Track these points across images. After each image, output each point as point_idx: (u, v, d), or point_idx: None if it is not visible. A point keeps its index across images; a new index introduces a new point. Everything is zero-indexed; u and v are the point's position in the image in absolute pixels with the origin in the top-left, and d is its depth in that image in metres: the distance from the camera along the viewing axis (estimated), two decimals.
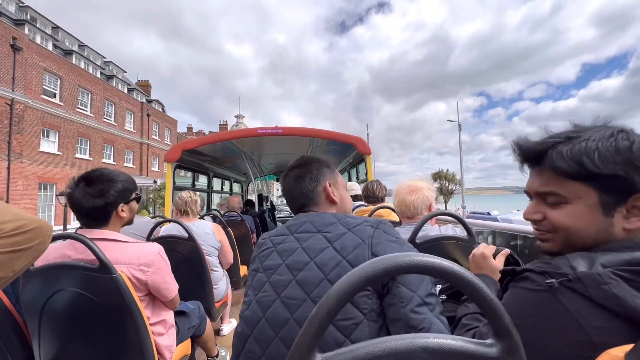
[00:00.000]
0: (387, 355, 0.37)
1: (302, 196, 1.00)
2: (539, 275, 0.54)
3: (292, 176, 1.02)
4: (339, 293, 0.36)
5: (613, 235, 0.56)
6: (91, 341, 1.22)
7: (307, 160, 1.04)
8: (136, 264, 1.25)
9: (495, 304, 0.37)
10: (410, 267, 0.37)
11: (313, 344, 0.36)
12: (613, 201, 0.56)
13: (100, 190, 1.26)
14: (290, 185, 1.02)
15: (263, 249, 0.93)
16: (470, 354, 0.37)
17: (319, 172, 1.02)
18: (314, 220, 0.91)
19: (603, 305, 0.47)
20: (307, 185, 0.99)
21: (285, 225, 0.96)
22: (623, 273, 0.47)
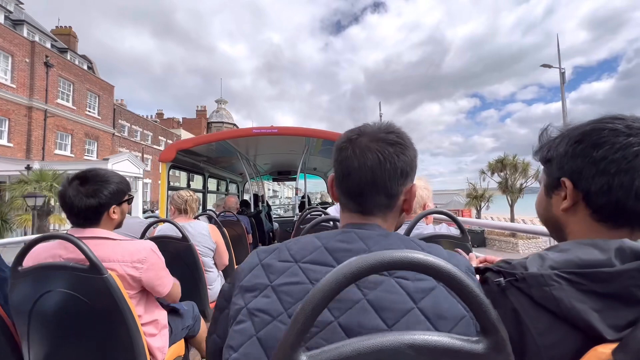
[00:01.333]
0: (373, 352, 0.36)
1: (381, 192, 0.62)
2: (495, 274, 0.56)
3: (378, 154, 0.61)
4: (324, 290, 0.36)
5: (554, 216, 0.62)
6: (81, 343, 1.20)
7: (405, 139, 0.65)
8: (129, 260, 1.23)
9: (481, 299, 0.37)
10: (396, 263, 0.36)
11: (298, 342, 0.35)
12: (553, 184, 0.61)
13: (93, 190, 1.25)
14: (373, 168, 0.61)
15: (284, 282, 0.55)
16: (457, 350, 0.37)
17: (413, 163, 0.65)
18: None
19: (543, 305, 0.48)
20: (396, 178, 0.62)
21: (322, 243, 0.58)
22: (568, 276, 0.47)
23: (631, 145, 0.52)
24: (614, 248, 0.48)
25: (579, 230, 0.59)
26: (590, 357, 0.43)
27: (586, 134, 0.57)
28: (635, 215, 0.53)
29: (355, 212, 0.65)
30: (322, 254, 0.57)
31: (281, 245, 0.60)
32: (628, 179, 0.52)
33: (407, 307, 0.50)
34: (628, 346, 0.40)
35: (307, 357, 0.36)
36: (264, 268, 0.57)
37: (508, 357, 0.38)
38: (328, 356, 0.36)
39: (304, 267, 0.55)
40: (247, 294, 0.55)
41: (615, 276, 0.45)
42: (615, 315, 0.44)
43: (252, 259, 0.61)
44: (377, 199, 0.63)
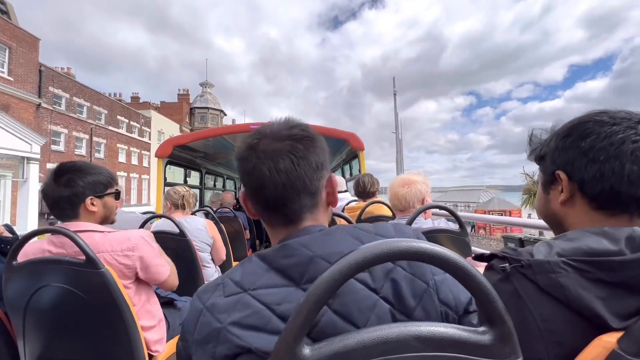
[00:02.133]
0: (378, 344, 0.36)
1: (306, 191, 0.57)
2: (500, 260, 0.56)
3: (289, 153, 0.57)
4: (328, 281, 0.35)
5: (554, 211, 0.63)
6: (78, 338, 1.19)
7: (310, 132, 0.61)
8: (119, 249, 1.21)
9: (488, 290, 0.36)
10: (402, 253, 0.35)
11: (301, 334, 0.34)
12: (549, 179, 0.63)
13: (67, 180, 1.22)
14: (287, 169, 0.56)
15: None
16: (463, 342, 0.36)
17: (325, 154, 0.62)
18: (328, 251, 0.52)
19: (549, 292, 0.48)
20: (313, 173, 0.58)
21: (268, 264, 0.53)
22: (576, 263, 0.47)
23: (616, 132, 0.54)
24: (624, 237, 0.48)
25: (579, 222, 0.59)
26: (595, 346, 0.43)
27: (573, 127, 0.59)
28: (631, 200, 0.53)
29: (283, 224, 0.59)
30: (272, 276, 0.51)
31: (224, 279, 0.54)
32: (618, 165, 0.53)
33: (372, 303, 0.48)
34: (634, 335, 0.40)
35: (310, 350, 0.35)
36: (209, 311, 0.50)
37: (514, 347, 0.37)
38: (332, 348, 0.35)
39: (255, 294, 0.49)
40: (206, 347, 0.48)
41: (625, 265, 0.45)
42: (621, 304, 0.44)
43: (195, 305, 0.53)
44: (302, 202, 0.57)
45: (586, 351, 0.43)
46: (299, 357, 0.35)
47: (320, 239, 0.54)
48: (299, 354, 0.35)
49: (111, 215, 1.36)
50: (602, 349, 0.42)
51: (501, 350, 0.37)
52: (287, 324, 0.35)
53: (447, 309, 0.52)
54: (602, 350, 0.42)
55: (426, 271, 0.52)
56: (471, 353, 0.37)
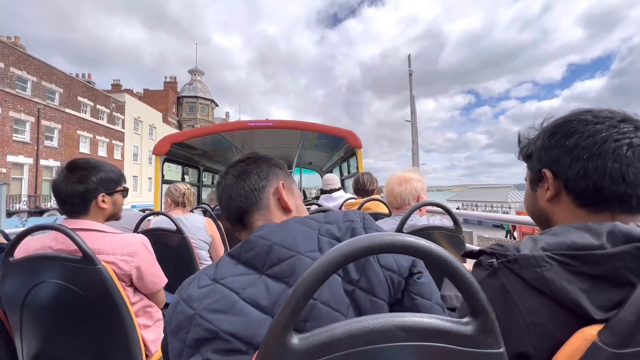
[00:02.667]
0: (364, 334, 0.37)
1: (243, 198, 0.72)
2: (488, 256, 0.58)
3: (233, 173, 0.76)
4: (316, 272, 0.36)
5: (540, 208, 0.65)
6: (75, 334, 1.20)
7: (257, 156, 0.80)
8: (119, 253, 1.22)
9: (471, 282, 0.37)
10: (387, 246, 0.37)
11: (290, 324, 0.36)
12: (536, 177, 0.65)
13: (80, 176, 1.23)
14: (229, 184, 0.74)
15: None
16: (447, 332, 0.38)
17: (271, 169, 0.77)
18: (283, 238, 0.60)
19: (534, 286, 0.49)
20: (254, 182, 0.73)
21: (236, 260, 0.61)
22: (560, 257, 0.49)
23: (599, 131, 0.56)
24: (605, 231, 0.49)
25: (565, 218, 0.61)
26: (577, 338, 0.44)
27: (558, 126, 0.61)
28: (613, 197, 0.55)
29: (240, 227, 0.75)
30: (237, 268, 0.59)
31: (199, 275, 0.61)
32: (601, 163, 0.55)
33: (348, 289, 0.55)
34: (614, 326, 0.42)
35: (299, 339, 0.36)
36: (185, 302, 0.56)
37: (497, 338, 0.38)
38: (319, 338, 0.37)
39: (224, 282, 0.56)
40: (178, 334, 0.53)
41: (606, 258, 0.47)
42: (603, 296, 0.46)
43: (174, 300, 0.59)
44: (245, 206, 0.73)
45: (568, 344, 0.45)
46: (288, 346, 0.36)
47: (275, 230, 0.63)
48: (288, 344, 0.36)
49: (119, 212, 1.37)
50: (584, 340, 0.43)
51: (484, 341, 0.38)
52: (276, 314, 0.36)
53: (390, 273, 0.58)
54: (584, 342, 0.43)
55: None
56: (454, 343, 0.38)
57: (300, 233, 0.62)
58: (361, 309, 0.54)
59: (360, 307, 0.54)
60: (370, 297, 0.55)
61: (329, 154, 5.91)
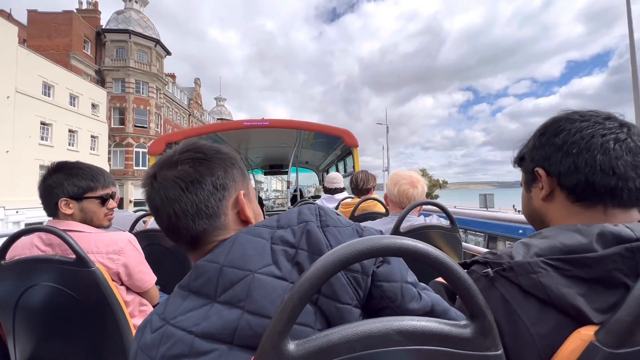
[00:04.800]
0: (362, 338, 0.36)
1: (194, 217, 0.57)
2: (481, 266, 0.57)
3: (177, 179, 0.57)
4: (312, 278, 0.35)
5: (536, 208, 0.66)
6: (69, 337, 1.18)
7: (205, 152, 0.61)
8: (104, 252, 1.19)
9: (469, 284, 0.37)
10: (383, 249, 0.36)
11: (285, 330, 0.35)
12: (530, 178, 0.66)
13: (44, 177, 1.22)
14: (172, 196, 0.56)
15: None
16: (445, 335, 0.37)
17: (227, 174, 0.61)
18: (232, 257, 0.53)
19: (532, 293, 0.49)
20: (208, 196, 0.57)
21: (186, 290, 0.54)
22: (553, 262, 0.49)
23: (585, 127, 0.57)
24: (595, 233, 0.50)
25: (559, 216, 0.61)
26: (574, 339, 0.44)
27: (547, 126, 0.63)
28: (605, 191, 0.55)
29: (189, 249, 0.60)
30: (190, 300, 0.51)
31: (152, 316, 0.54)
32: (590, 156, 0.55)
33: (283, 290, 0.49)
34: (611, 326, 0.42)
35: (295, 345, 0.36)
36: (142, 350, 0.50)
37: (494, 340, 0.38)
38: (316, 344, 0.36)
39: (175, 322, 0.49)
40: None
41: (598, 261, 0.47)
42: (598, 299, 0.46)
43: (133, 346, 0.53)
44: (198, 226, 0.57)
45: (565, 345, 0.45)
46: (284, 353, 0.35)
47: (225, 248, 0.54)
48: (284, 350, 0.35)
49: (96, 220, 1.29)
50: (581, 341, 0.43)
51: (482, 343, 0.38)
52: (272, 321, 0.35)
53: (354, 274, 0.52)
54: (581, 342, 0.43)
55: (323, 247, 0.52)
56: (453, 346, 0.38)
57: (251, 247, 0.53)
58: (327, 317, 0.50)
59: (326, 314, 0.49)
60: (335, 304, 0.50)
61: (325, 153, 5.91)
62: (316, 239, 0.53)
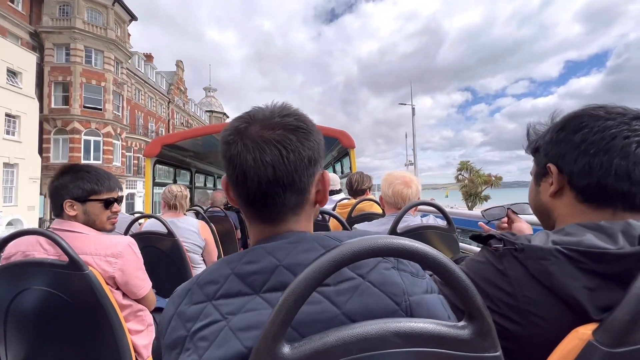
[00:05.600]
0: (358, 340, 0.36)
1: (294, 189, 0.53)
2: (497, 241, 0.57)
3: (278, 143, 0.51)
4: (307, 279, 0.35)
5: (543, 202, 0.65)
6: (63, 342, 1.16)
7: (306, 121, 0.56)
8: (103, 254, 1.18)
9: (467, 285, 0.36)
10: (381, 250, 0.35)
11: (280, 334, 0.34)
12: (541, 172, 0.65)
13: (53, 179, 1.26)
14: (274, 161, 0.51)
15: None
16: (443, 337, 0.37)
17: (320, 148, 0.56)
18: (293, 261, 0.49)
19: (536, 277, 0.49)
20: (305, 169, 0.53)
21: (231, 269, 0.50)
22: (570, 253, 0.48)
23: (609, 127, 0.55)
24: (619, 230, 0.49)
25: (566, 214, 0.60)
26: (571, 338, 0.43)
27: (568, 120, 0.60)
28: (616, 195, 0.54)
29: (262, 221, 0.56)
30: (232, 283, 0.49)
31: (192, 286, 0.52)
32: (607, 159, 0.54)
33: (330, 316, 0.43)
34: (608, 325, 0.41)
35: (290, 348, 0.35)
36: (179, 317, 0.49)
37: (493, 342, 0.38)
38: (312, 346, 0.35)
39: (216, 304, 0.47)
40: (172, 353, 0.48)
41: (622, 258, 0.46)
42: (607, 296, 0.45)
43: (169, 309, 0.52)
44: (286, 199, 0.53)
45: (563, 344, 0.44)
46: (279, 356, 0.34)
47: (287, 247, 0.50)
48: (278, 353, 0.34)
49: (98, 222, 1.30)
50: (579, 340, 0.43)
51: (480, 345, 0.37)
52: (266, 323, 0.34)
53: None
54: (579, 342, 0.43)
55: (400, 291, 0.46)
56: (451, 347, 0.37)
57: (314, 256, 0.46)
58: None
59: None
60: None
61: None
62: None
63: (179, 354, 0.46)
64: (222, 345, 0.43)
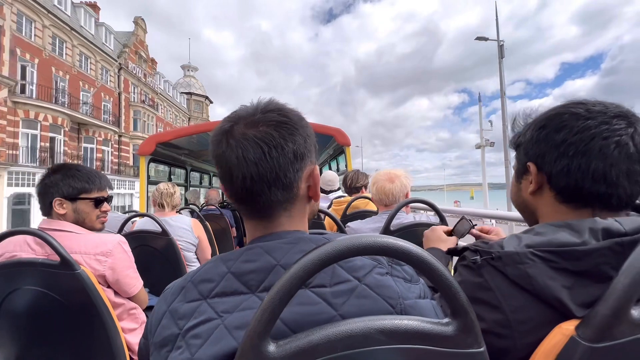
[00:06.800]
0: (343, 338, 0.36)
1: (279, 185, 0.53)
2: (472, 253, 0.57)
3: (259, 140, 0.52)
4: (292, 278, 0.35)
5: (524, 200, 0.65)
6: (55, 342, 1.16)
7: (290, 115, 0.55)
8: (92, 253, 1.18)
9: (451, 282, 0.37)
10: (365, 248, 0.36)
11: (265, 332, 0.34)
12: (521, 169, 0.65)
13: (42, 177, 1.25)
14: (256, 158, 0.51)
15: None
16: (427, 333, 0.37)
17: (307, 142, 0.56)
18: (291, 261, 0.46)
19: (517, 283, 0.50)
20: (290, 164, 0.53)
21: (227, 267, 0.50)
22: (542, 254, 0.49)
23: (589, 128, 0.54)
24: (587, 227, 0.50)
25: (548, 213, 0.61)
26: (555, 334, 0.44)
27: (549, 119, 0.60)
28: (593, 197, 0.55)
29: (254, 217, 0.56)
30: (229, 282, 0.49)
31: (187, 283, 0.51)
32: (585, 162, 0.54)
33: (327, 317, 0.44)
34: (591, 321, 0.42)
35: (276, 346, 0.35)
36: (171, 315, 0.49)
37: (477, 338, 0.38)
38: (297, 344, 0.36)
39: (211, 302, 0.48)
40: (162, 351, 0.47)
41: (587, 254, 0.47)
42: (584, 292, 0.46)
43: (160, 306, 0.52)
44: (272, 196, 0.53)
45: (547, 339, 0.45)
46: (264, 354, 0.35)
47: (285, 247, 0.51)
48: (264, 351, 0.35)
49: (88, 221, 1.29)
50: (562, 336, 0.44)
51: (464, 341, 0.38)
52: (251, 321, 0.35)
53: None
54: (562, 337, 0.44)
55: (395, 294, 0.47)
56: (435, 344, 0.37)
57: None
58: None
59: None
60: None
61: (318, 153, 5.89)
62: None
63: (169, 352, 0.46)
64: (217, 343, 0.43)
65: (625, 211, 0.57)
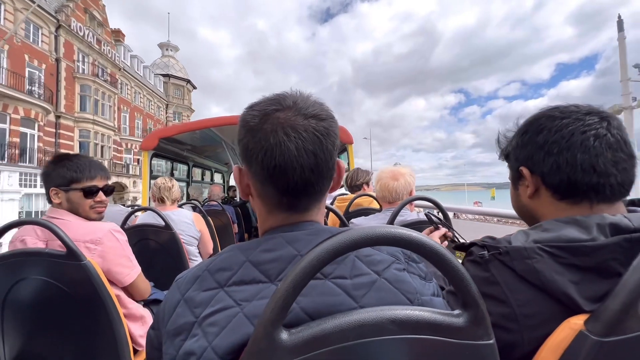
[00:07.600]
0: (355, 327, 0.36)
1: (326, 175, 0.53)
2: (479, 248, 0.59)
3: (316, 132, 0.51)
4: (305, 267, 0.35)
5: (524, 205, 0.67)
6: (60, 332, 1.17)
7: (328, 109, 0.55)
8: (82, 240, 1.17)
9: (463, 274, 0.37)
10: (379, 238, 0.36)
11: (278, 319, 0.35)
12: (516, 176, 0.67)
13: (44, 166, 1.30)
14: (315, 150, 0.50)
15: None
16: (438, 324, 0.37)
17: (338, 135, 0.56)
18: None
19: (525, 278, 0.50)
20: (332, 156, 0.53)
21: (246, 256, 0.50)
22: (550, 249, 0.50)
23: (565, 126, 0.57)
24: (595, 223, 0.50)
25: (548, 213, 0.62)
26: (563, 328, 0.45)
27: (529, 124, 0.63)
28: (588, 188, 0.56)
29: (290, 210, 0.54)
30: (247, 270, 0.48)
31: (202, 272, 0.51)
32: (571, 156, 0.56)
33: (347, 309, 0.43)
34: (600, 315, 0.42)
35: (288, 334, 0.35)
36: (187, 303, 0.48)
37: (487, 329, 0.39)
38: (310, 332, 0.36)
39: (229, 291, 0.47)
40: (175, 339, 0.47)
41: (596, 250, 0.47)
42: (592, 288, 0.46)
43: (173, 295, 0.51)
44: (323, 186, 0.53)
45: (556, 333, 0.45)
46: (277, 341, 0.35)
47: (307, 238, 0.51)
48: (277, 339, 0.35)
49: (82, 211, 1.29)
50: (570, 330, 0.44)
51: (475, 332, 0.38)
52: (264, 308, 0.35)
53: None
54: (570, 331, 0.44)
55: (413, 289, 0.47)
56: (446, 335, 0.38)
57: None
58: None
59: None
60: None
61: None
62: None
63: (184, 340, 0.46)
64: (236, 331, 0.43)
65: (620, 200, 0.58)
